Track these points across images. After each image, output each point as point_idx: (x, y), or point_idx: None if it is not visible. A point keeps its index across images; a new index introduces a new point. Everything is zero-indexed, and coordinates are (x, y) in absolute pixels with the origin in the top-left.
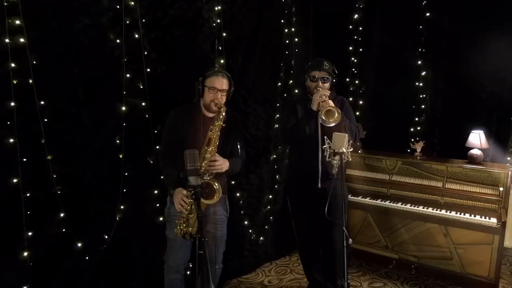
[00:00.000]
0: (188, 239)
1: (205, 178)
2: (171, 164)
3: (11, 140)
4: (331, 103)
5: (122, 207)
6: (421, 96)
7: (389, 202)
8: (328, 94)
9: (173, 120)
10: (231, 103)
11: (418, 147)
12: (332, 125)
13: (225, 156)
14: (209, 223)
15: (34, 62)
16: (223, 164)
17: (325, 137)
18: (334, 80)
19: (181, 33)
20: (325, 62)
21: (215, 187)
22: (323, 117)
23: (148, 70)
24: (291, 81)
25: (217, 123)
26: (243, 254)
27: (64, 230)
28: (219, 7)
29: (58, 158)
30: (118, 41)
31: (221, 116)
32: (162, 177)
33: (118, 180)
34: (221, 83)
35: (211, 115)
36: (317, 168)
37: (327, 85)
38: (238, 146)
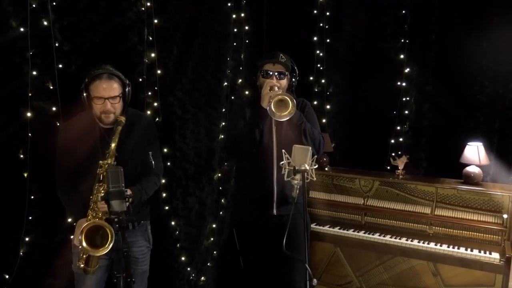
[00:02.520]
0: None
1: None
2: (72, 189)
3: None
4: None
5: (27, 238)
6: (404, 99)
7: (364, 233)
8: (279, 86)
9: (63, 139)
10: (165, 108)
11: (401, 163)
12: (285, 119)
13: (135, 174)
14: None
15: None
16: None
17: (283, 150)
18: (293, 80)
19: (101, 19)
20: (281, 55)
21: (108, 231)
22: (273, 109)
23: (60, 66)
24: (240, 80)
25: (106, 161)
26: None
27: None
28: None
29: None
30: (22, 29)
31: (112, 145)
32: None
33: (22, 205)
34: (109, 88)
35: (108, 126)
36: (271, 190)
37: (284, 82)
38: (151, 157)
